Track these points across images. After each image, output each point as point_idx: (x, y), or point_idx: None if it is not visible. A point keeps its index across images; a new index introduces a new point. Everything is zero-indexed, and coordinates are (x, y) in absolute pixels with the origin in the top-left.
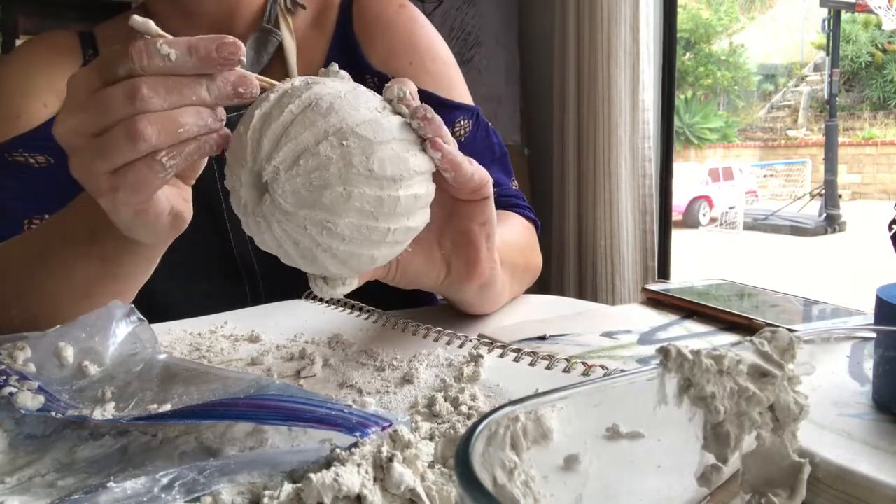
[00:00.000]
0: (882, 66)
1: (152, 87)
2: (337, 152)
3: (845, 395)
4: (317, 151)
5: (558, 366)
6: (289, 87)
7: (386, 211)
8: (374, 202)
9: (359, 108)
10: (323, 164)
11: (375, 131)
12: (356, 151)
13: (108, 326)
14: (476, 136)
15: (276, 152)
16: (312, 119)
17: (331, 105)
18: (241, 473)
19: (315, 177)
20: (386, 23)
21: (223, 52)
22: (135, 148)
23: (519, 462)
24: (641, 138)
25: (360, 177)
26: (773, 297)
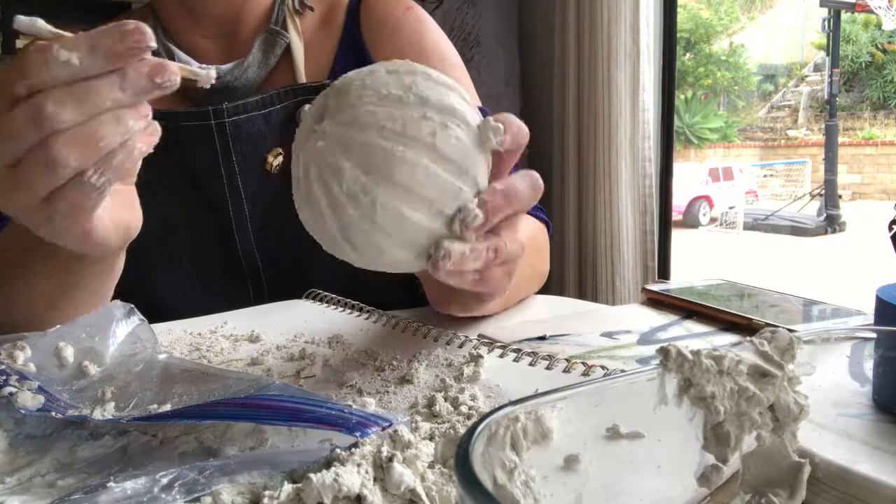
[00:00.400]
0: (882, 66)
1: (58, 102)
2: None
3: (845, 395)
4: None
5: (558, 366)
6: None
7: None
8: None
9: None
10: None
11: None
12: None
13: (108, 326)
14: None
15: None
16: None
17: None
18: (241, 473)
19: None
20: (393, 25)
21: (128, 41)
22: (56, 175)
23: (519, 462)
24: (641, 138)
25: (431, 151)
26: (773, 297)
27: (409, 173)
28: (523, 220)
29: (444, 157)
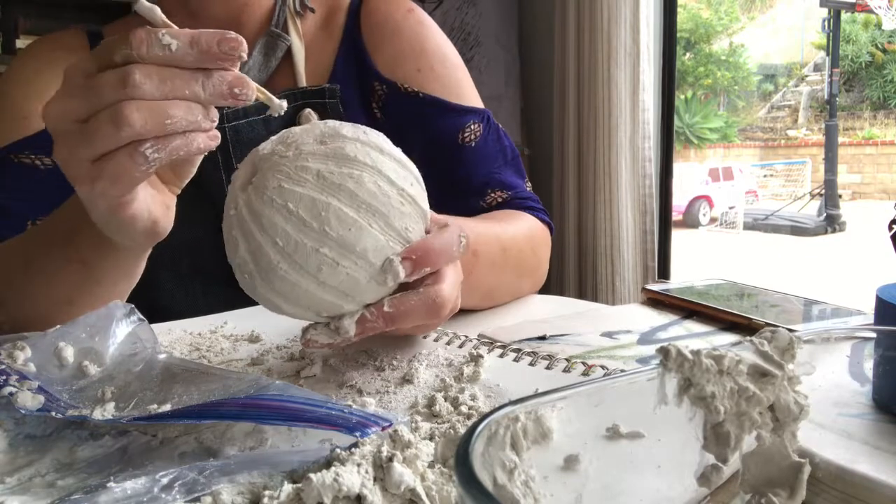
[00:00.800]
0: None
1: (146, 74)
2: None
3: (845, 395)
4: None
5: (558, 366)
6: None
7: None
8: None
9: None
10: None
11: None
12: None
13: (108, 326)
14: (487, 139)
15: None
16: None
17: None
18: (241, 473)
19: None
20: (393, 28)
21: (224, 47)
22: (118, 134)
23: (519, 462)
24: (641, 138)
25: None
26: (773, 297)
27: (288, 288)
28: (523, 218)
29: (327, 286)
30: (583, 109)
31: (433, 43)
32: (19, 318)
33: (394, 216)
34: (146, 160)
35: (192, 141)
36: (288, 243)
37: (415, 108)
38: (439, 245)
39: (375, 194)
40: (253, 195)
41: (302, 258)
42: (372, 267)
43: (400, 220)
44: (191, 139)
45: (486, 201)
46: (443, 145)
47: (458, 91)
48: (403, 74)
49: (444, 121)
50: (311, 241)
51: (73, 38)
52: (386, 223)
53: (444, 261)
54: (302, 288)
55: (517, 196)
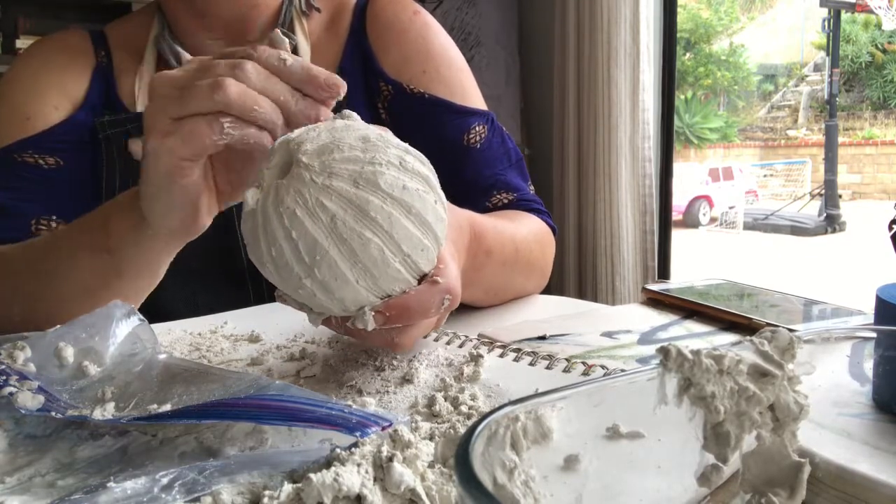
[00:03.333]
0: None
1: (256, 68)
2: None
3: (845, 395)
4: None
5: (558, 366)
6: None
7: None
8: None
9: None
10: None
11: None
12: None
13: (108, 326)
14: (492, 141)
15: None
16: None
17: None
18: (241, 473)
19: (366, 170)
20: (400, 30)
21: (330, 81)
22: (211, 97)
23: (519, 462)
24: (641, 138)
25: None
26: (773, 297)
27: (272, 282)
28: (527, 218)
29: (305, 301)
30: (583, 109)
31: (439, 45)
32: (38, 310)
33: (384, 280)
34: (221, 131)
35: (263, 137)
36: (279, 258)
37: (420, 109)
38: (417, 305)
39: (375, 260)
40: (272, 198)
41: (286, 275)
42: (345, 309)
43: (388, 284)
44: (263, 135)
45: (492, 202)
46: (448, 146)
47: (462, 93)
48: (409, 76)
49: (449, 122)
50: (299, 269)
51: (75, 38)
52: (374, 283)
53: (418, 319)
54: (281, 289)
55: (522, 198)
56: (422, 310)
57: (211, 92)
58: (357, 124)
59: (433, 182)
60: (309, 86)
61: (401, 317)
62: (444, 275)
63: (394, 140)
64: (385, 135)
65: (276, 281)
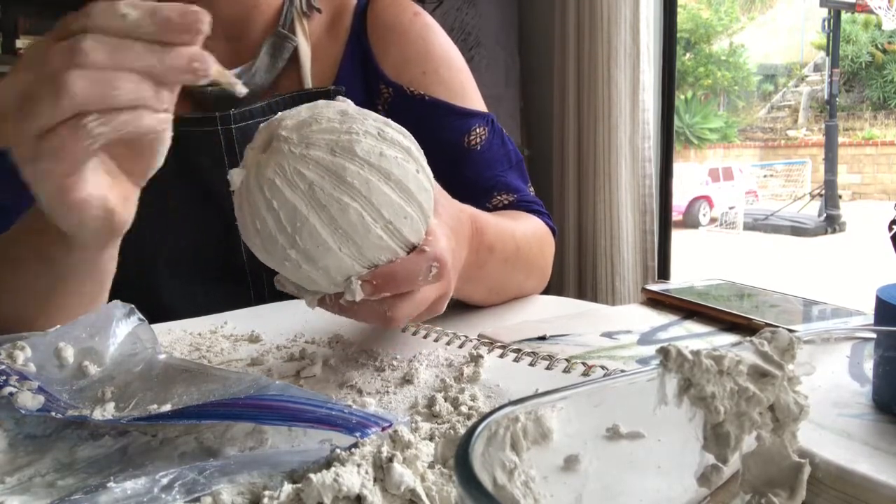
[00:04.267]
0: (882, 66)
1: (96, 43)
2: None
3: (845, 395)
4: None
5: (558, 366)
6: None
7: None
8: (387, 205)
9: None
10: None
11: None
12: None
13: (108, 326)
14: (492, 143)
15: (301, 125)
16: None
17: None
18: (241, 473)
19: (342, 140)
20: (400, 31)
21: (186, 18)
22: (59, 103)
23: (519, 462)
24: (641, 138)
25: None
26: (773, 297)
27: (260, 258)
28: (527, 218)
29: (291, 277)
30: (583, 109)
31: (439, 47)
32: (4, 322)
33: (367, 248)
34: (89, 135)
35: (139, 117)
36: (263, 230)
37: (420, 111)
38: (404, 273)
39: (355, 226)
40: (254, 173)
41: (271, 247)
42: (332, 280)
43: (373, 252)
44: (138, 115)
45: (492, 203)
46: (449, 148)
47: (462, 95)
48: (409, 77)
49: (449, 124)
50: (283, 240)
51: None
52: (358, 251)
53: (406, 288)
54: (270, 265)
55: (522, 199)
56: (409, 277)
57: (56, 97)
58: (339, 103)
59: (415, 154)
60: (165, 34)
61: (388, 285)
62: (432, 245)
63: (373, 114)
64: (363, 110)
65: (263, 257)
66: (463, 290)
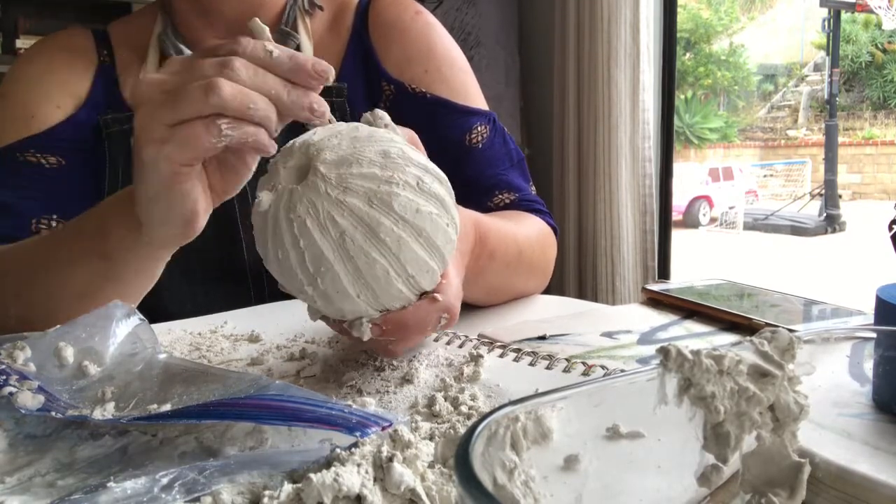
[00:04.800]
0: (882, 66)
1: (244, 65)
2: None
3: (845, 395)
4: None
5: (558, 366)
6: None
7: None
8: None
9: None
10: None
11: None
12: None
13: (108, 326)
14: (494, 141)
15: (337, 152)
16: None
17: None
18: (241, 473)
19: (380, 181)
20: (402, 30)
21: (318, 67)
22: (206, 100)
23: (519, 462)
24: (641, 138)
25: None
26: (773, 297)
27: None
28: (528, 218)
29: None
30: (583, 109)
31: (441, 45)
32: (33, 312)
33: (384, 298)
34: (219, 134)
35: (260, 134)
36: (284, 262)
37: (422, 109)
38: (414, 322)
39: (379, 280)
40: (284, 202)
41: (288, 279)
42: (343, 317)
43: (389, 301)
44: (260, 132)
45: (494, 202)
46: (450, 146)
47: (464, 93)
48: (411, 75)
49: (451, 122)
50: (302, 276)
51: (79, 37)
52: (375, 299)
53: (414, 336)
54: (281, 283)
55: (524, 198)
56: (419, 327)
57: (204, 94)
58: (380, 134)
59: (448, 203)
60: (298, 75)
61: (397, 332)
62: (445, 292)
63: (415, 157)
64: (406, 150)
65: (278, 279)
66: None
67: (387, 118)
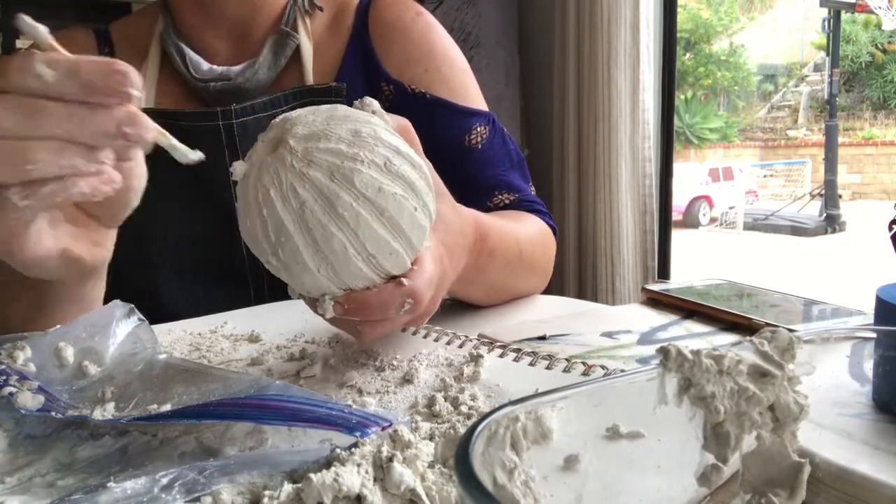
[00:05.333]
0: (882, 66)
1: (8, 109)
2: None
3: (845, 395)
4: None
5: (558, 366)
6: None
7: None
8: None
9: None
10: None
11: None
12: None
13: (108, 326)
14: (493, 142)
15: (313, 129)
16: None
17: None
18: (241, 473)
19: (348, 153)
20: (402, 30)
21: (110, 80)
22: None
23: (519, 462)
24: (641, 138)
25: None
26: (773, 297)
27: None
28: (528, 218)
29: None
30: (583, 109)
31: (441, 46)
32: None
33: (345, 275)
34: (17, 207)
35: (69, 186)
36: (251, 230)
37: (422, 109)
38: (376, 303)
39: (337, 254)
40: (254, 172)
41: (255, 247)
42: (308, 292)
43: (350, 279)
44: (69, 184)
45: (493, 202)
46: (450, 147)
47: (464, 94)
48: (411, 76)
49: (451, 122)
50: (266, 246)
51: (79, 36)
52: (335, 275)
53: (377, 316)
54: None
55: (524, 199)
56: (381, 308)
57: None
58: (358, 114)
59: (419, 188)
60: (90, 95)
61: (358, 311)
62: (413, 278)
63: (388, 139)
64: (379, 132)
65: (250, 248)
66: (462, 291)
67: (375, 105)
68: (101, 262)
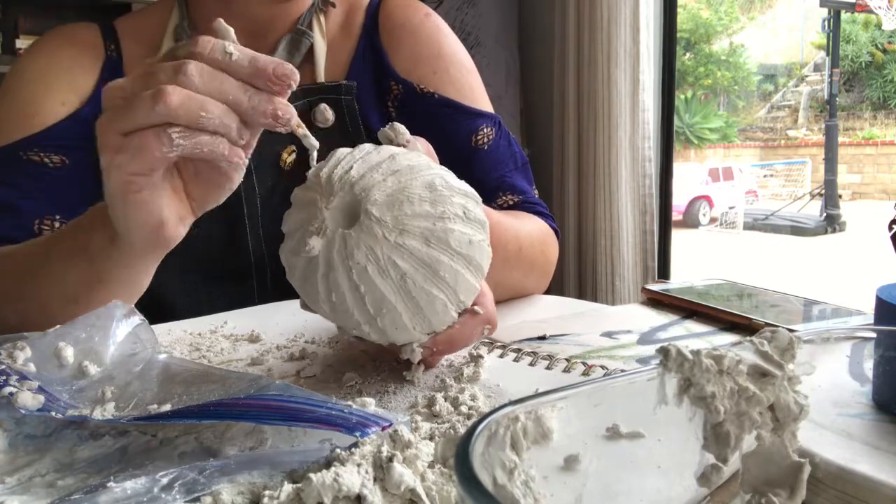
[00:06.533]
0: (882, 66)
1: (198, 68)
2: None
3: (845, 395)
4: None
5: (558, 366)
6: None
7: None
8: (468, 254)
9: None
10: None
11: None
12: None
13: (108, 326)
14: (499, 144)
15: (378, 187)
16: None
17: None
18: (241, 473)
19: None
20: (411, 31)
21: (279, 72)
22: (153, 109)
23: (519, 462)
24: (641, 138)
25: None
26: (773, 297)
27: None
28: (531, 219)
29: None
30: (583, 109)
31: (449, 47)
32: (28, 315)
33: (437, 324)
34: (170, 143)
35: (217, 143)
36: (340, 304)
37: (429, 109)
38: (461, 338)
39: (437, 313)
40: (338, 247)
41: (342, 317)
42: (394, 344)
43: (441, 326)
44: (217, 141)
45: (498, 203)
46: (456, 147)
47: (471, 95)
48: (419, 75)
49: (458, 122)
50: (359, 316)
51: (85, 32)
52: (428, 327)
53: (460, 349)
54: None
55: (527, 201)
56: (465, 341)
57: (153, 103)
58: (416, 161)
59: (486, 223)
60: (258, 79)
61: (446, 350)
62: (484, 304)
63: (455, 183)
64: (446, 178)
65: (328, 318)
66: None
67: (406, 133)
68: (175, 239)
